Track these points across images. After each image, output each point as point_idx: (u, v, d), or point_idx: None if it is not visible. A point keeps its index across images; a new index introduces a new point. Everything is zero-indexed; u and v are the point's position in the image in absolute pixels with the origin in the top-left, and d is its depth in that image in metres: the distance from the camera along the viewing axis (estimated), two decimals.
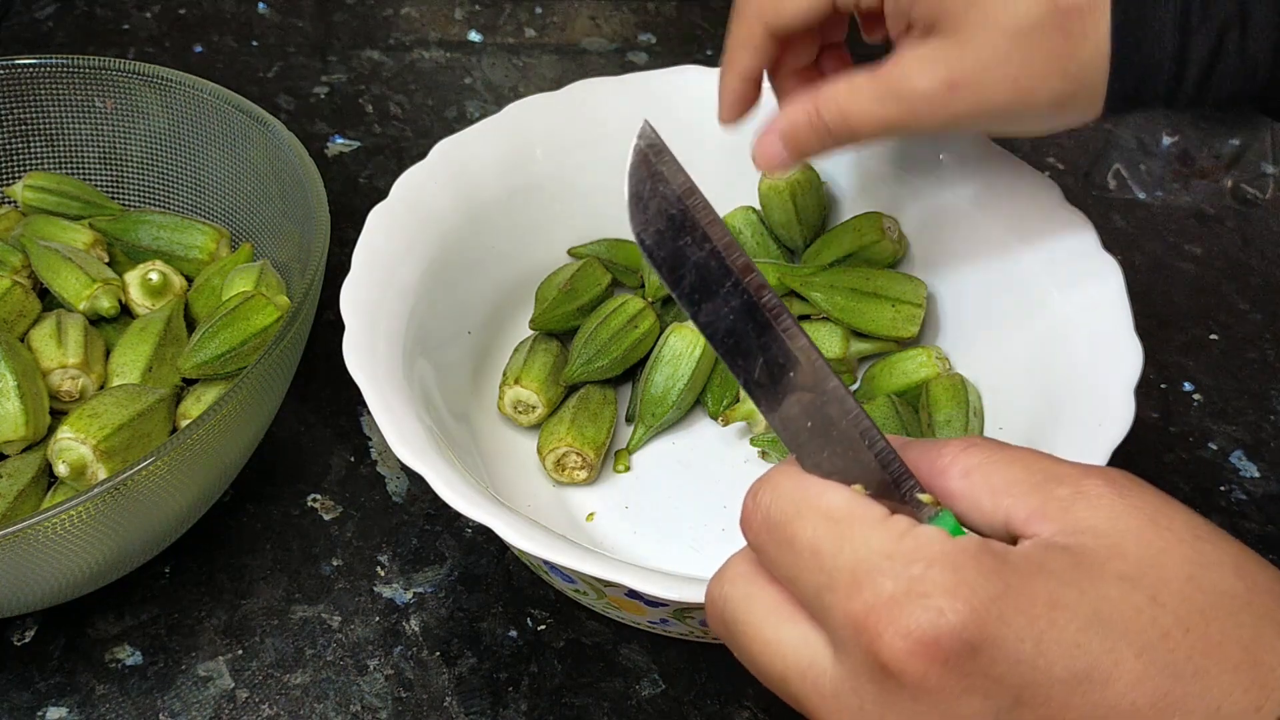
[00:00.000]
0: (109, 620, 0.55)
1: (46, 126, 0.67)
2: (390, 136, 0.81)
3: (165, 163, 0.68)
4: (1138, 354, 0.50)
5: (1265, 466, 0.62)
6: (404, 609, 0.55)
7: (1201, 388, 0.66)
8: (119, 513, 0.48)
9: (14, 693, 0.52)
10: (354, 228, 0.56)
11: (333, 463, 0.61)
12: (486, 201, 0.61)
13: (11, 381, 0.54)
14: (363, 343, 0.51)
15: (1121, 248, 0.74)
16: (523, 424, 0.59)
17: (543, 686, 0.53)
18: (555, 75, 0.86)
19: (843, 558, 0.28)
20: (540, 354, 0.60)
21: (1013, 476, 0.30)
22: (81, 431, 0.52)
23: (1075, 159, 0.79)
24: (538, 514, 0.56)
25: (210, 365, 0.57)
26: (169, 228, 0.64)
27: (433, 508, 0.59)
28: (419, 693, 0.52)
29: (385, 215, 0.57)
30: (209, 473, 0.53)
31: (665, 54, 0.88)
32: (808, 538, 0.29)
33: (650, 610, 0.49)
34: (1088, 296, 0.53)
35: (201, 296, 0.62)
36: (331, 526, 0.59)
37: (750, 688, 0.53)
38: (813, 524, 0.29)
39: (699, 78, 0.64)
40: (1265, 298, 0.71)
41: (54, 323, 0.58)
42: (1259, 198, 0.78)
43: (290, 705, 0.52)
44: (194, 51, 0.87)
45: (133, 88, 0.66)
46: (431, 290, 0.57)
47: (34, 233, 0.63)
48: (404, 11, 0.91)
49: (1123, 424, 0.47)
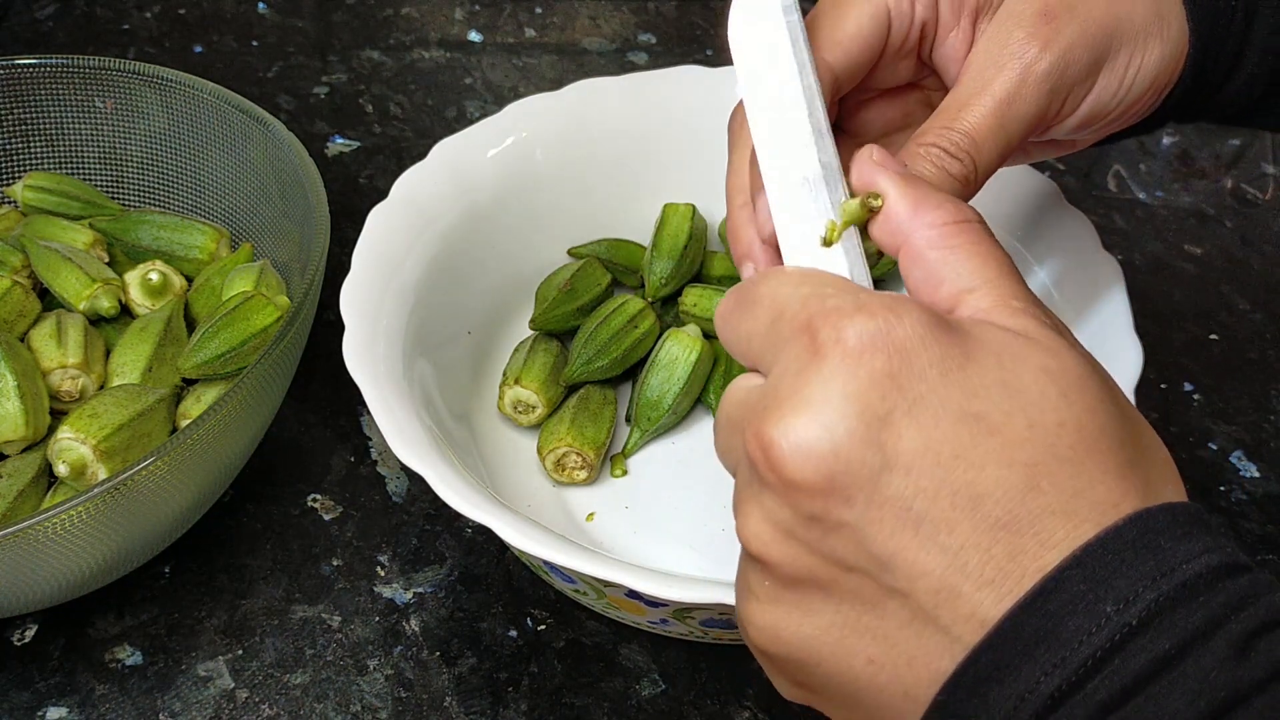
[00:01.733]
0: (109, 620, 0.55)
1: (46, 126, 0.67)
2: (390, 136, 0.81)
3: (165, 163, 0.68)
4: (1138, 354, 0.50)
5: (1265, 466, 0.62)
6: (404, 609, 0.55)
7: (1201, 388, 0.66)
8: (119, 513, 0.48)
9: (14, 693, 0.52)
10: (354, 228, 0.56)
11: (333, 463, 0.61)
12: (486, 201, 0.61)
13: (11, 381, 0.54)
14: (363, 343, 0.51)
15: (1121, 248, 0.74)
16: (523, 424, 0.59)
17: (543, 686, 0.53)
18: (555, 75, 0.86)
19: (798, 293, 0.31)
20: (540, 354, 0.60)
21: (983, 274, 0.32)
22: (81, 431, 0.52)
23: (1075, 159, 0.79)
24: (538, 514, 0.56)
25: (210, 365, 0.57)
26: (169, 228, 0.64)
27: (433, 508, 0.59)
28: (419, 693, 0.52)
29: (385, 215, 0.57)
30: (209, 473, 0.53)
31: (665, 54, 0.88)
32: (768, 289, 0.32)
33: (650, 610, 0.49)
34: (1088, 296, 0.53)
35: (201, 296, 0.62)
36: (331, 526, 0.59)
37: (750, 688, 0.53)
38: (776, 278, 0.32)
39: (699, 78, 0.64)
40: (1265, 298, 0.71)
41: (54, 323, 0.58)
42: (1259, 198, 0.78)
43: (290, 705, 0.52)
44: (194, 51, 0.87)
45: (133, 88, 0.66)
46: (431, 290, 0.57)
47: (34, 233, 0.63)
48: (404, 11, 0.91)
49: None
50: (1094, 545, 0.27)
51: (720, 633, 0.50)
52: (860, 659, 0.30)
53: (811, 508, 0.29)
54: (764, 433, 0.30)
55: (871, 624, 0.29)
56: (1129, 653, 0.26)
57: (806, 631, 0.30)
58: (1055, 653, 0.27)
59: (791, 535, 0.30)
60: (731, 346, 0.34)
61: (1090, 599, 0.27)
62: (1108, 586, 0.27)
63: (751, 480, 0.31)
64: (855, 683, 0.30)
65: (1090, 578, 0.27)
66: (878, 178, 0.34)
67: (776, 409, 0.30)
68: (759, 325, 0.32)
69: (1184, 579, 0.27)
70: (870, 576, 0.29)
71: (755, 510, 0.31)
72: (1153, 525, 0.28)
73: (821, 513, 0.29)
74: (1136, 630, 0.26)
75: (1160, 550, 0.27)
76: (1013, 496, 0.28)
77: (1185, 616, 0.26)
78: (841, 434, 0.29)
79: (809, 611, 0.30)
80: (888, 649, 0.29)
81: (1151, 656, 0.26)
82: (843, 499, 0.29)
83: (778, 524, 0.30)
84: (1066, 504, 0.28)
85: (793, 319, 0.31)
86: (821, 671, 0.31)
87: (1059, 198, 0.56)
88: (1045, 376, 0.29)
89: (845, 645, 0.30)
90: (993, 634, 0.27)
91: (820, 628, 0.30)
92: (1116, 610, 0.26)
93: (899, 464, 0.28)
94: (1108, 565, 0.27)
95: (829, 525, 0.29)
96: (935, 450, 0.28)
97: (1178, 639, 0.26)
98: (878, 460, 0.28)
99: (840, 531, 0.29)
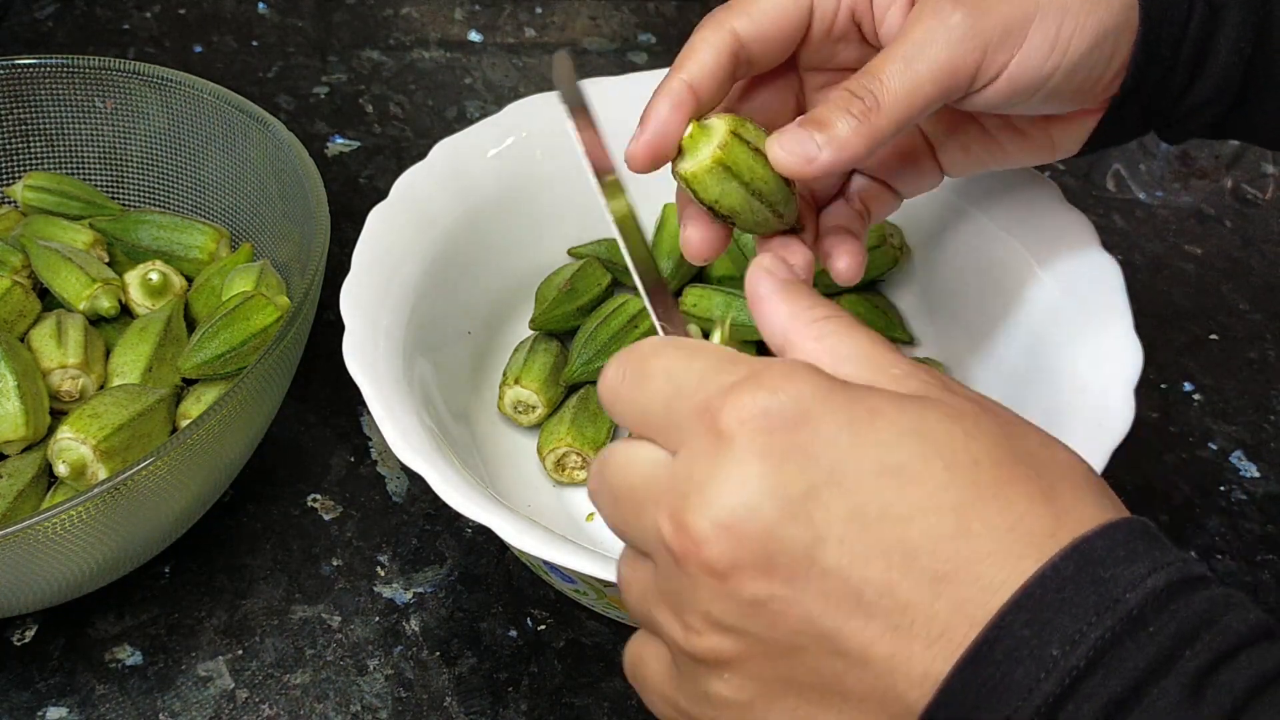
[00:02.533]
0: (109, 620, 0.55)
1: (46, 126, 0.67)
2: (390, 136, 0.81)
3: (165, 163, 0.68)
4: (1138, 354, 0.50)
5: (1265, 466, 0.62)
6: (404, 609, 0.55)
7: (1201, 388, 0.66)
8: (119, 513, 0.48)
9: (14, 693, 0.52)
10: (354, 228, 0.56)
11: (333, 463, 0.61)
12: (486, 201, 0.61)
13: (11, 381, 0.54)
14: (363, 343, 0.51)
15: (1121, 248, 0.74)
16: (523, 424, 0.59)
17: (543, 686, 0.53)
18: None
19: (692, 369, 0.31)
20: (540, 354, 0.60)
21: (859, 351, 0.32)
22: (81, 431, 0.52)
23: (1075, 159, 0.79)
24: (538, 514, 0.56)
25: (210, 365, 0.57)
26: (169, 228, 0.64)
27: (433, 508, 0.59)
28: (419, 693, 0.52)
29: (385, 215, 0.57)
30: (209, 473, 0.53)
31: (665, 54, 0.88)
32: (662, 364, 0.32)
33: None
34: (1088, 296, 0.53)
35: (201, 296, 0.62)
36: (331, 526, 0.59)
37: None
38: (667, 354, 0.32)
39: None
40: (1265, 298, 0.71)
41: (54, 323, 0.58)
42: (1259, 198, 0.78)
43: (290, 705, 0.52)
44: (194, 51, 0.87)
45: (133, 88, 0.66)
46: (431, 290, 0.57)
47: (34, 233, 0.63)
48: (404, 11, 0.91)
49: (1123, 424, 0.47)
50: (1032, 586, 0.26)
51: None
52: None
53: (755, 591, 0.28)
54: (691, 524, 0.29)
55: (837, 703, 0.29)
56: (1081, 697, 0.25)
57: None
58: (1007, 704, 0.26)
59: (736, 629, 0.29)
60: (623, 419, 0.33)
61: (1035, 644, 0.26)
62: (1051, 628, 0.26)
63: (677, 577, 0.29)
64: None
65: (1033, 621, 0.26)
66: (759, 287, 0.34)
67: (697, 496, 0.29)
68: (654, 403, 0.31)
69: (1129, 609, 0.26)
70: (826, 654, 0.28)
71: (692, 612, 0.29)
72: (1091, 555, 0.27)
73: (766, 595, 0.28)
74: (1084, 673, 0.25)
75: (1100, 581, 0.26)
76: (945, 544, 0.27)
77: (1134, 652, 0.25)
78: (770, 514, 0.28)
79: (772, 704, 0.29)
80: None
81: (1103, 701, 0.25)
82: (785, 578, 0.28)
83: (718, 621, 0.29)
84: (1001, 542, 0.27)
85: (691, 398, 0.30)
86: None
87: (1059, 198, 0.56)
88: (947, 419, 0.29)
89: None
90: (939, 695, 0.27)
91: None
92: (1063, 653, 0.25)
93: (831, 535, 0.28)
94: (1048, 605, 0.26)
95: (776, 607, 0.28)
96: (861, 514, 0.28)
97: (1128, 679, 0.25)
98: (809, 535, 0.28)
99: (791, 612, 0.28)
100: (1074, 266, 0.54)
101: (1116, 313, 0.52)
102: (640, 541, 0.32)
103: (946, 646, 0.27)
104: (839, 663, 0.28)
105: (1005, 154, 0.48)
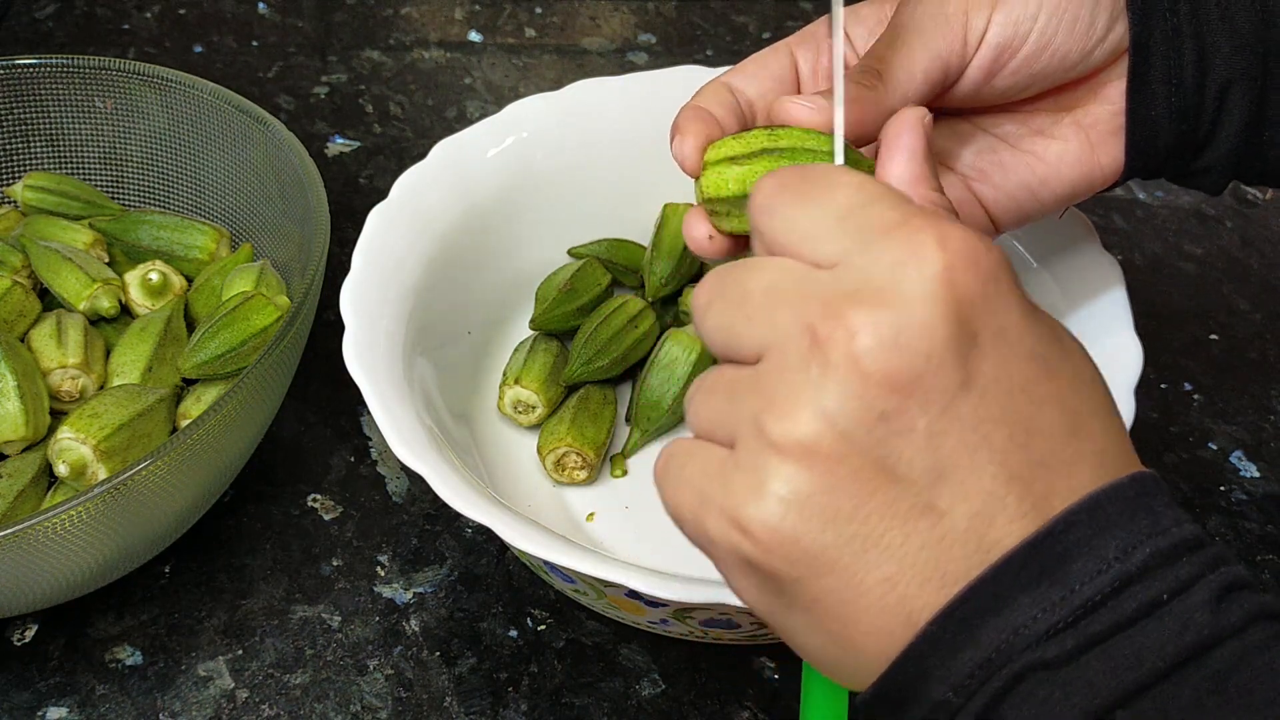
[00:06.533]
0: (109, 620, 0.55)
1: (46, 126, 0.67)
2: (390, 136, 0.81)
3: (165, 163, 0.68)
4: (1138, 354, 0.50)
5: (1265, 466, 0.62)
6: (404, 609, 0.55)
7: (1201, 388, 0.66)
8: (119, 513, 0.48)
9: (14, 693, 0.52)
10: (354, 228, 0.56)
11: (333, 463, 0.61)
12: (486, 201, 0.61)
13: (11, 381, 0.54)
14: (363, 343, 0.51)
15: (1121, 248, 0.74)
16: (523, 424, 0.59)
17: (543, 686, 0.53)
18: (555, 75, 0.86)
19: (882, 188, 0.31)
20: (540, 354, 0.60)
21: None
22: (81, 431, 0.52)
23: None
24: (538, 514, 0.56)
25: (210, 365, 0.57)
26: (169, 228, 0.64)
27: (433, 508, 0.59)
28: (419, 693, 0.52)
29: (385, 215, 0.57)
30: (209, 473, 0.53)
31: (665, 54, 0.88)
32: (846, 175, 0.32)
33: (650, 610, 0.49)
34: (1088, 296, 0.53)
35: (201, 296, 0.62)
36: (331, 526, 0.59)
37: (750, 688, 0.53)
38: (850, 175, 0.32)
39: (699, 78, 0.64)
40: (1265, 298, 0.71)
41: (54, 323, 0.58)
42: (1259, 198, 0.78)
43: (290, 705, 0.52)
44: (194, 51, 0.87)
45: (133, 88, 0.66)
46: (431, 290, 0.57)
47: (34, 233, 0.63)
48: (404, 11, 0.91)
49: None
50: (1100, 496, 0.29)
51: (720, 633, 0.50)
52: (875, 575, 0.29)
53: (886, 405, 0.28)
54: (850, 318, 0.28)
55: (895, 541, 0.29)
56: (1125, 596, 0.28)
57: (828, 539, 0.29)
58: (1059, 590, 0.28)
59: (847, 434, 0.29)
60: (778, 227, 0.31)
61: (1096, 545, 0.29)
62: (1111, 536, 0.29)
63: (808, 366, 0.29)
64: (860, 600, 0.29)
65: (1097, 524, 0.29)
66: (908, 136, 0.35)
67: (870, 297, 0.29)
68: (826, 212, 0.31)
69: (1175, 540, 0.29)
70: (913, 490, 0.29)
71: (808, 401, 0.29)
72: (1147, 488, 0.30)
73: (895, 412, 0.28)
74: (1135, 578, 0.28)
75: (1154, 512, 0.29)
76: (1058, 438, 0.30)
77: (1175, 570, 0.28)
78: (939, 340, 0.28)
79: (834, 519, 0.29)
80: (905, 569, 0.29)
81: (1143, 601, 0.28)
82: (921, 403, 0.29)
83: (834, 419, 0.29)
84: (1098, 452, 0.30)
85: (889, 209, 0.30)
86: (822, 585, 0.29)
87: None
88: (1072, 341, 0.32)
89: (865, 560, 0.29)
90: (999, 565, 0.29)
91: (844, 537, 0.29)
92: (1118, 558, 0.28)
93: (976, 385, 0.29)
94: (1110, 518, 0.29)
95: (898, 427, 0.29)
96: (1007, 380, 0.29)
97: (1169, 587, 0.28)
98: (960, 376, 0.29)
99: (908, 436, 0.29)
100: (1074, 266, 0.55)
101: (1116, 313, 0.52)
102: (754, 339, 0.31)
103: (1023, 526, 0.29)
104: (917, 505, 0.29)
105: (1044, 164, 0.45)
